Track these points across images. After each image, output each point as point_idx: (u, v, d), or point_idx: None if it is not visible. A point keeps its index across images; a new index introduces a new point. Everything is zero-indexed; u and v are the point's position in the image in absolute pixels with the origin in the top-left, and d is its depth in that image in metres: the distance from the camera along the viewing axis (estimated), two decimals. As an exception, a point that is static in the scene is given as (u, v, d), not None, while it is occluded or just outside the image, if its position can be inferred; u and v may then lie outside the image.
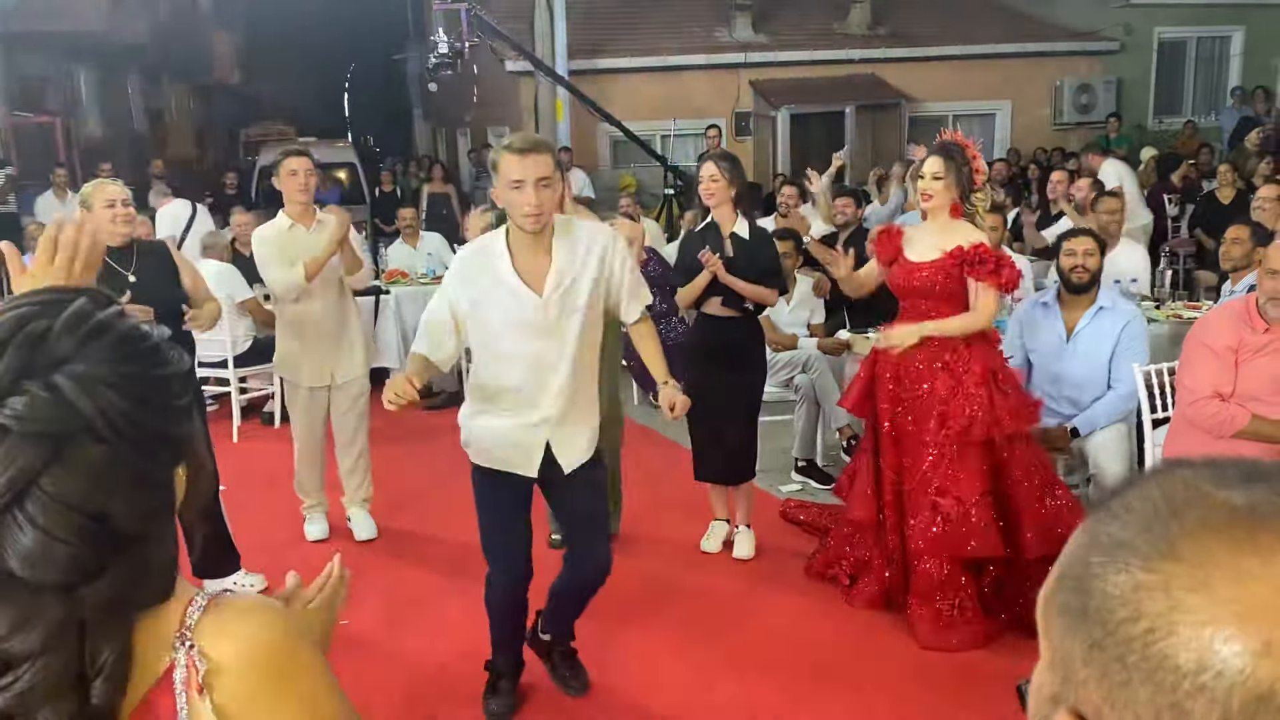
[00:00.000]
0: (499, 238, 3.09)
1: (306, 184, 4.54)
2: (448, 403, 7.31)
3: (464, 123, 17.29)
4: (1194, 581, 0.54)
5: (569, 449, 3.20)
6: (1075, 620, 0.59)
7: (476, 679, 3.66)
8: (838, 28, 14.69)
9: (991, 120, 14.92)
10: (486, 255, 3.09)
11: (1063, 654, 0.61)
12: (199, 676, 0.96)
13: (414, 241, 8.22)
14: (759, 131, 14.11)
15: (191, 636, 0.97)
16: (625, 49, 13.82)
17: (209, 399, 6.91)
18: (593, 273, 3.10)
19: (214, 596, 1.02)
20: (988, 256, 3.73)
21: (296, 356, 4.72)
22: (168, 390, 0.99)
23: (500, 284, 3.04)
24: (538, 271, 3.05)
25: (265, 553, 4.67)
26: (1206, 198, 9.25)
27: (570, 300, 3.07)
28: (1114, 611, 0.56)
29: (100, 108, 16.44)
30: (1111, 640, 0.56)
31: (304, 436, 4.87)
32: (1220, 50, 15.40)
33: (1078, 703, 0.59)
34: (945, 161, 3.78)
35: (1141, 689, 0.54)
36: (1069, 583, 0.61)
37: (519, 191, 2.89)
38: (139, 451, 0.94)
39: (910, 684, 3.60)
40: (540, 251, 3.05)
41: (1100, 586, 0.58)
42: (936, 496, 3.75)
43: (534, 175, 2.87)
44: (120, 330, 0.97)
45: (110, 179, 4.56)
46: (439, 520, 5.10)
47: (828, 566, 4.34)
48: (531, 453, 3.18)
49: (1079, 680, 0.59)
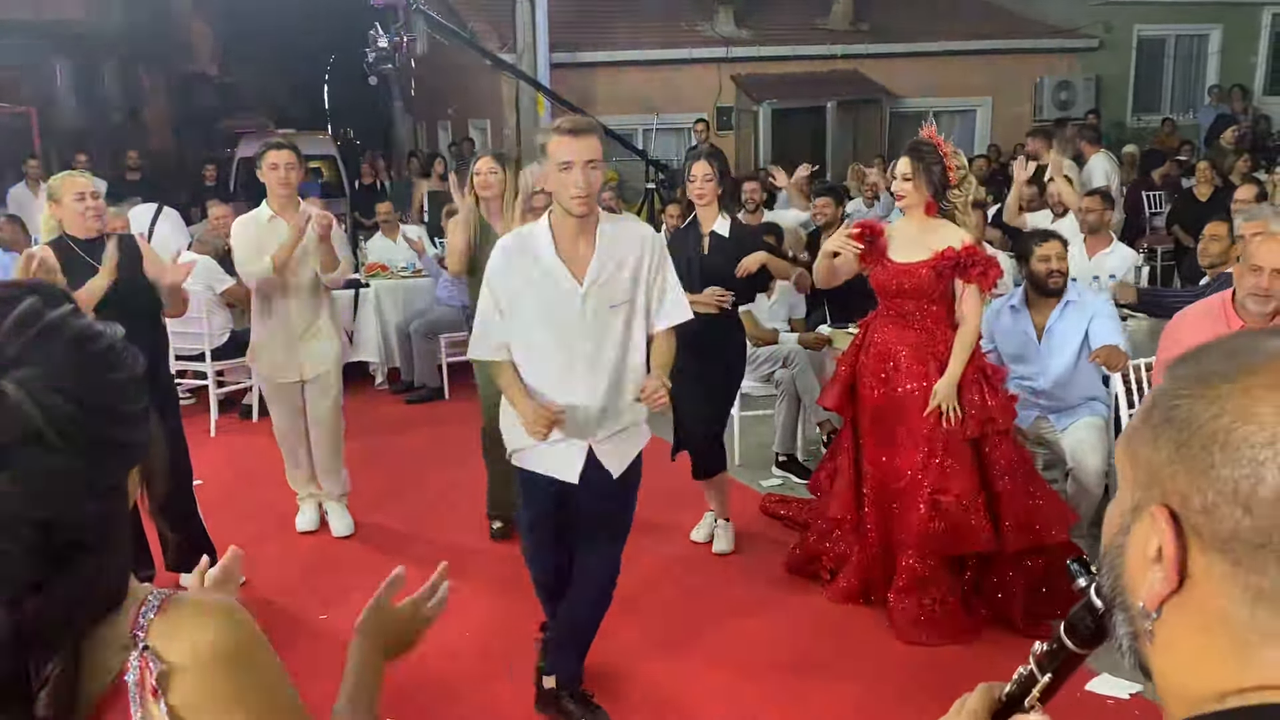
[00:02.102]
0: (542, 224, 3.05)
1: (287, 178, 4.50)
2: (428, 397, 7.29)
3: (445, 115, 17.22)
4: (1270, 383, 0.67)
5: (614, 456, 3.14)
6: (1161, 433, 0.70)
7: (462, 674, 3.66)
8: (820, 23, 14.69)
9: (972, 116, 14.98)
10: (528, 240, 3.04)
11: (1147, 467, 0.71)
12: (153, 679, 0.94)
13: (394, 235, 8.19)
14: (741, 126, 14.11)
15: (145, 638, 0.95)
16: (607, 42, 13.78)
17: (186, 393, 6.85)
18: (631, 269, 3.03)
19: (166, 597, 1.00)
20: (979, 259, 3.74)
21: (267, 350, 4.70)
22: (121, 395, 0.96)
23: (540, 268, 2.99)
24: (580, 259, 2.99)
25: (243, 547, 4.62)
26: (1184, 195, 9.31)
27: (608, 294, 3.01)
28: (1200, 415, 0.68)
29: (77, 98, 16.26)
30: (1198, 437, 0.68)
31: (282, 431, 4.86)
32: (1198, 48, 15.50)
33: (1165, 498, 0.69)
34: (913, 162, 3.79)
35: (1224, 468, 0.66)
36: (1155, 413, 0.72)
37: (567, 173, 2.85)
38: (88, 459, 0.91)
39: (889, 678, 3.62)
40: (584, 239, 3.00)
41: (1188, 404, 0.69)
42: (936, 494, 3.75)
43: (583, 157, 2.84)
44: (72, 331, 0.94)
45: (81, 171, 4.51)
46: (419, 515, 5.08)
47: (808, 561, 4.35)
48: (572, 459, 3.11)
49: (1165, 477, 0.70)
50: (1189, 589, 0.68)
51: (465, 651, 3.84)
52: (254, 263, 4.47)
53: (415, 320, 7.34)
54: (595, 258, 2.98)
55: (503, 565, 4.57)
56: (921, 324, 3.86)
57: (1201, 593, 0.68)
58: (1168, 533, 0.68)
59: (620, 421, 3.14)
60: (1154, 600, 0.70)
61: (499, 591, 4.32)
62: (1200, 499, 0.67)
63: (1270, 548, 0.64)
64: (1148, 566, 0.70)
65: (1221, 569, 0.66)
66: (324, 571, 4.54)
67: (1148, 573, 0.70)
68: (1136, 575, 0.72)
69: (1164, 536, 0.68)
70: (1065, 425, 4.42)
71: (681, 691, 3.54)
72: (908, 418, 3.84)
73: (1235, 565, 0.65)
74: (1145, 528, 0.70)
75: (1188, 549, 0.68)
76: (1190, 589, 0.68)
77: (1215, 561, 0.66)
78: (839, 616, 4.04)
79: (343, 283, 5.00)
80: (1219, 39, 15.28)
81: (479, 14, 13.93)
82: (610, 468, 3.14)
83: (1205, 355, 0.72)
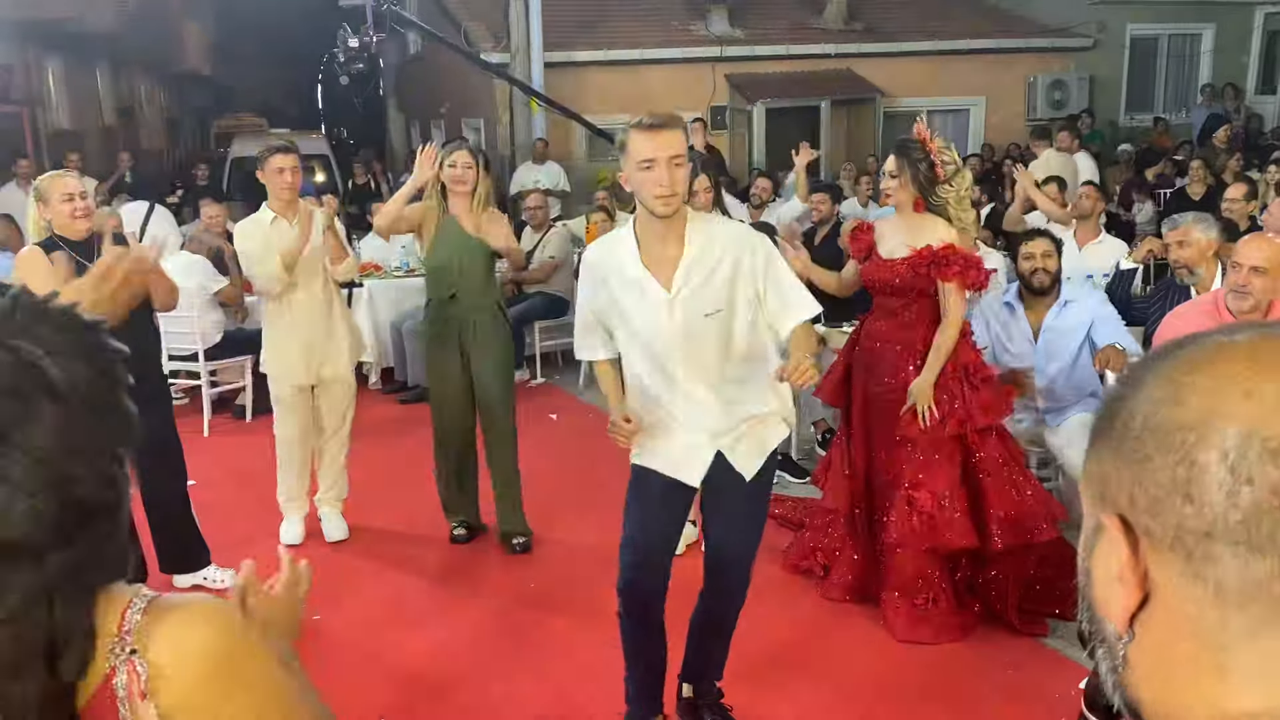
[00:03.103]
0: (626, 228, 2.89)
1: (293, 181, 4.55)
2: (420, 397, 7.27)
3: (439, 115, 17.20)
4: (1192, 366, 0.64)
5: (745, 457, 2.96)
6: (1103, 439, 0.68)
7: (455, 678, 3.65)
8: (814, 22, 14.71)
9: (965, 116, 15.00)
10: (613, 246, 2.88)
11: (1097, 479, 0.68)
12: (141, 683, 0.94)
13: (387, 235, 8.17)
14: (735, 126, 14.12)
15: (132, 640, 0.95)
16: (601, 42, 13.78)
17: (179, 393, 6.83)
18: (726, 273, 2.80)
19: (153, 599, 1.00)
20: (954, 257, 3.70)
21: (284, 353, 4.64)
22: (116, 366, 1.00)
23: (625, 277, 2.82)
24: (667, 264, 2.79)
25: (236, 548, 4.62)
26: (1177, 194, 9.34)
27: (699, 302, 2.78)
28: (1130, 409, 0.66)
29: (68, 98, 16.22)
30: (1131, 432, 0.65)
31: (290, 440, 4.76)
32: (1191, 48, 15.55)
33: (1114, 506, 0.66)
34: (899, 159, 3.80)
35: (1158, 457, 0.63)
36: (1099, 422, 0.69)
37: (650, 171, 2.67)
38: (97, 419, 0.95)
39: (884, 675, 3.62)
40: (671, 241, 2.79)
41: (1121, 404, 0.67)
42: (910, 491, 3.77)
43: (666, 153, 2.66)
44: (61, 309, 1.00)
45: (69, 171, 4.48)
46: (412, 517, 5.07)
47: (803, 558, 4.36)
48: (695, 460, 2.94)
49: (1111, 484, 0.66)
50: (1156, 601, 0.64)
51: (459, 651, 3.84)
52: (265, 264, 4.47)
53: (408, 320, 7.32)
54: (683, 262, 2.78)
55: (498, 565, 4.57)
56: (905, 320, 3.87)
57: (1166, 601, 0.64)
58: (1120, 540, 0.65)
59: (744, 417, 2.94)
60: (1122, 618, 0.66)
61: (493, 592, 4.32)
62: (1144, 496, 0.64)
63: (1215, 535, 0.60)
64: (1113, 585, 0.66)
65: (1178, 568, 0.62)
66: (319, 572, 4.51)
67: (1114, 592, 0.66)
68: (1106, 597, 0.67)
69: (1118, 545, 0.65)
70: (1057, 423, 4.43)
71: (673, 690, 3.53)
72: (889, 413, 3.85)
73: (1188, 560, 0.62)
74: (1105, 545, 0.67)
75: (1146, 555, 0.64)
76: (1156, 600, 0.64)
77: (1170, 561, 0.63)
78: (834, 614, 4.04)
79: (353, 275, 5.00)
80: (1211, 38, 15.32)
81: (473, 13, 13.92)
82: (742, 469, 2.95)
83: (1142, 360, 0.71)
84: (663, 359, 2.84)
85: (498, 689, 3.58)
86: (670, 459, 2.95)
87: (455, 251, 4.53)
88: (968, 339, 3.92)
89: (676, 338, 2.81)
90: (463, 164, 4.53)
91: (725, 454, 2.93)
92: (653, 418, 2.93)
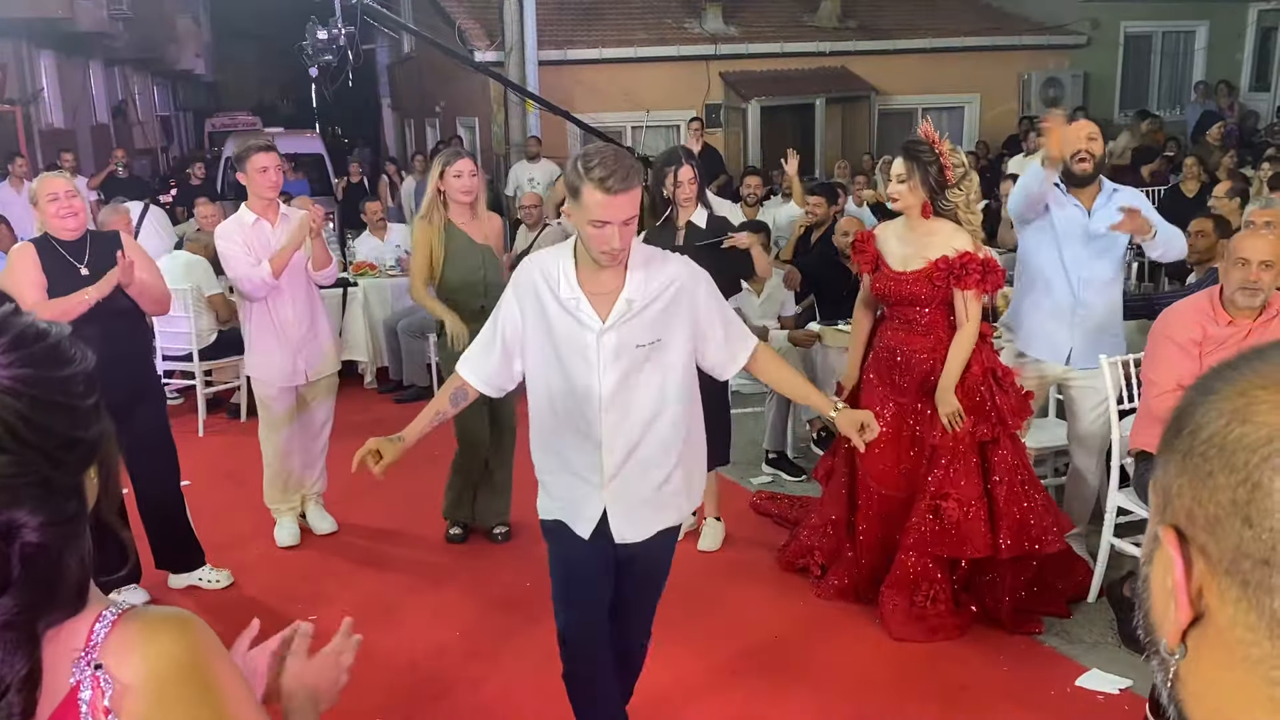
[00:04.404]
0: (566, 247, 2.67)
1: (277, 180, 4.43)
2: (416, 396, 7.26)
3: (433, 113, 17.18)
4: (1266, 379, 0.62)
5: (628, 522, 2.71)
6: (1171, 446, 0.65)
7: (447, 675, 3.65)
8: (808, 20, 14.72)
9: (960, 113, 15.02)
10: (551, 265, 2.65)
11: (1162, 486, 0.66)
12: (105, 699, 0.92)
13: (381, 234, 8.16)
14: (729, 124, 14.11)
15: (98, 655, 0.93)
16: (595, 40, 13.77)
17: (174, 393, 6.82)
18: (664, 304, 2.63)
19: (124, 610, 0.97)
20: (973, 266, 3.63)
21: (270, 356, 4.56)
22: (70, 391, 0.94)
23: (559, 300, 2.61)
24: (605, 295, 2.60)
25: (231, 548, 4.62)
26: (1171, 191, 9.35)
27: (631, 334, 2.60)
28: (1199, 420, 0.63)
29: (62, 96, 16.17)
30: (1197, 442, 0.63)
31: (276, 444, 4.70)
32: (1185, 45, 15.57)
33: (1174, 518, 0.64)
34: (908, 162, 3.68)
35: (1221, 475, 0.60)
36: (1170, 427, 0.67)
37: (601, 229, 2.47)
38: (43, 458, 0.90)
39: (878, 675, 3.62)
40: (613, 273, 2.60)
41: (1192, 412, 0.65)
42: (937, 499, 3.72)
43: (621, 217, 2.47)
44: (14, 330, 0.93)
45: (57, 172, 4.44)
46: (402, 515, 5.06)
47: (798, 558, 4.35)
48: (582, 510, 2.71)
49: (1174, 496, 0.64)
50: (1208, 622, 0.61)
51: (453, 650, 3.83)
52: (253, 269, 4.35)
53: (403, 319, 7.31)
54: (624, 295, 2.59)
55: (492, 565, 4.57)
56: (928, 328, 3.80)
57: (1219, 625, 0.61)
58: (1174, 555, 0.62)
59: (647, 484, 2.70)
60: (1174, 635, 0.63)
61: (487, 591, 4.32)
62: (1203, 513, 0.61)
63: (1275, 564, 0.57)
64: (1168, 599, 0.63)
65: (1234, 594, 0.59)
66: (313, 572, 4.52)
67: (1168, 606, 0.63)
68: (1159, 609, 0.65)
69: (1171, 560, 0.62)
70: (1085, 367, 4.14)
71: (669, 688, 3.53)
72: (916, 422, 3.82)
73: (1244, 586, 0.59)
74: (1163, 556, 0.64)
75: (1201, 575, 0.62)
76: (1209, 621, 0.61)
77: (1227, 586, 0.60)
78: (829, 614, 4.04)
79: (333, 280, 4.91)
80: (1205, 35, 15.34)
81: (467, 12, 13.90)
82: (619, 532, 2.70)
83: (1219, 365, 0.68)
84: (583, 386, 2.62)
85: (492, 688, 3.58)
86: (568, 506, 2.74)
87: (477, 264, 4.43)
88: (988, 341, 3.86)
89: (604, 366, 2.60)
90: (468, 173, 4.38)
91: (608, 513, 2.68)
92: (550, 459, 2.74)
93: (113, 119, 19.15)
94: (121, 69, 20.53)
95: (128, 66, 20.94)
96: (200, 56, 26.47)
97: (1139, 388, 3.88)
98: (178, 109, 27.31)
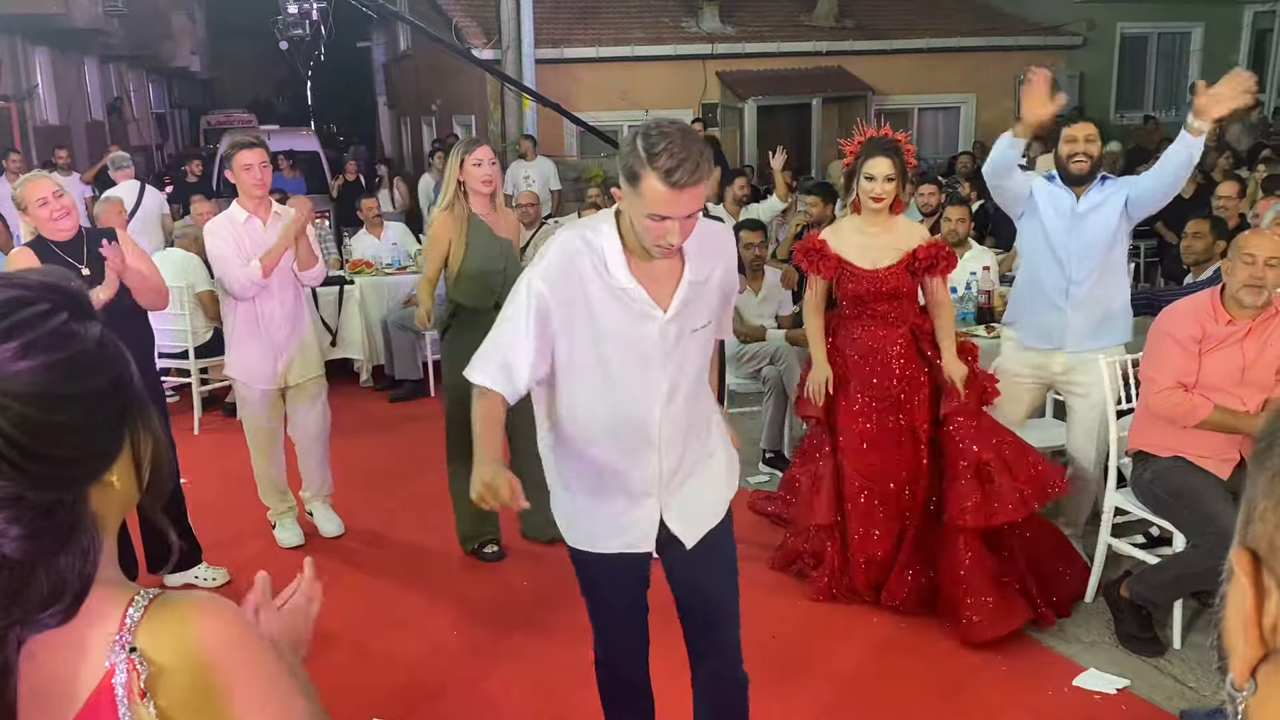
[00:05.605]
0: (609, 227, 2.27)
1: (263, 177, 4.32)
2: (412, 393, 7.25)
3: (430, 111, 17.16)
4: None
5: (687, 517, 2.49)
6: (1261, 465, 0.59)
7: (447, 675, 3.64)
8: (805, 20, 14.73)
9: (956, 113, 15.05)
10: (591, 246, 2.26)
11: (1247, 505, 0.60)
12: (140, 681, 0.92)
13: (378, 232, 8.15)
14: (726, 123, 14.12)
15: (131, 639, 0.94)
16: (592, 39, 13.77)
17: (169, 391, 6.80)
18: (719, 282, 2.39)
19: (155, 596, 0.98)
20: (940, 254, 3.90)
21: (252, 357, 4.47)
22: (76, 409, 0.92)
23: (609, 285, 2.24)
24: (663, 279, 2.28)
25: (228, 546, 4.61)
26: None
27: (690, 319, 2.31)
28: None
29: (57, 93, 16.12)
30: None
31: (260, 442, 4.64)
32: (1181, 46, 15.62)
33: (1252, 540, 0.58)
34: (894, 161, 3.84)
35: None
36: (1261, 437, 0.61)
37: (660, 223, 2.14)
38: (36, 482, 0.88)
39: (876, 674, 3.62)
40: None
41: None
42: (978, 463, 3.73)
43: (685, 212, 2.14)
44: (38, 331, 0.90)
45: (43, 172, 4.41)
46: (403, 514, 5.06)
47: (794, 557, 4.35)
48: (638, 525, 2.45)
49: (1257, 515, 0.58)
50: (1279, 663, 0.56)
51: (453, 650, 3.82)
52: (242, 268, 4.29)
53: (394, 314, 7.27)
54: (685, 280, 2.29)
55: (491, 565, 4.56)
56: (900, 319, 3.94)
57: None
58: (1246, 583, 0.57)
59: (700, 478, 2.52)
60: (1242, 670, 0.58)
61: (487, 591, 4.31)
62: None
63: None
64: (1238, 626, 0.58)
65: None
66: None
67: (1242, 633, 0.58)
68: (1233, 634, 0.59)
69: (1243, 586, 0.57)
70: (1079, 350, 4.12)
71: (663, 688, 3.53)
72: (909, 411, 3.89)
73: None
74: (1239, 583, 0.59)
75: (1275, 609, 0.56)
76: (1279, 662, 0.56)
77: None
78: (826, 613, 4.04)
79: (319, 281, 4.77)
80: (1200, 37, 15.39)
81: (464, 10, 13.88)
82: (683, 535, 2.49)
83: None
84: (640, 382, 2.31)
85: (491, 688, 3.57)
86: (618, 531, 2.46)
87: (496, 256, 4.32)
88: None
89: (665, 357, 2.29)
90: (488, 160, 4.28)
91: (665, 519, 2.45)
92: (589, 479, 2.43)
93: (108, 116, 19.11)
94: (116, 66, 20.49)
95: (123, 63, 20.89)
96: (195, 53, 26.42)
97: (1137, 388, 3.88)
98: (173, 106, 27.25)
